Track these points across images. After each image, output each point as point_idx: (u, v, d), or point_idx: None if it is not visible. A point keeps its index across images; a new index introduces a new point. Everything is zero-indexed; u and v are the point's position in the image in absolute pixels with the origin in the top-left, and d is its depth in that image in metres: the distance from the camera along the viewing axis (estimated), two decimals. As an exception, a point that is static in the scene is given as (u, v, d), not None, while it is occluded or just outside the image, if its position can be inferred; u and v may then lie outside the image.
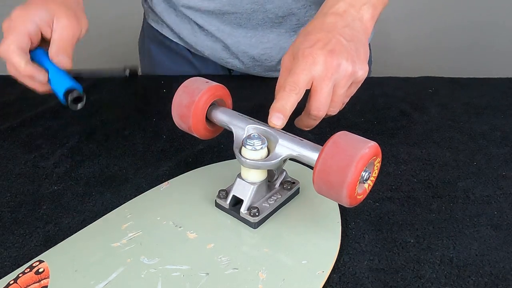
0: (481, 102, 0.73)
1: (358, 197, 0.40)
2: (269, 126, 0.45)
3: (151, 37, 0.83)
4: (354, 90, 0.50)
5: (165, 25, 0.78)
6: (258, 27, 0.71)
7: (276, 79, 0.49)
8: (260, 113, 0.69)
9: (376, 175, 0.42)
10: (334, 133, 0.41)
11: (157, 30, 0.80)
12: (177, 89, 0.48)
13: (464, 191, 0.54)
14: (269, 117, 0.45)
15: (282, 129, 0.45)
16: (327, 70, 0.45)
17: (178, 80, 0.50)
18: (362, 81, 0.49)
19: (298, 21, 0.72)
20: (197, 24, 0.74)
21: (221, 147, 0.60)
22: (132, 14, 1.19)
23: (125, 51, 1.31)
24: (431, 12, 1.72)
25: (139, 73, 0.90)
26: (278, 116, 0.44)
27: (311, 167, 0.41)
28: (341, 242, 0.46)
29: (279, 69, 0.76)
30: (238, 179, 0.48)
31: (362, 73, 0.48)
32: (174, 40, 0.79)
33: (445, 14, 1.73)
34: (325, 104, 0.46)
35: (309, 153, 0.43)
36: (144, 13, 0.85)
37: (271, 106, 0.45)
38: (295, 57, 0.47)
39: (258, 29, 0.72)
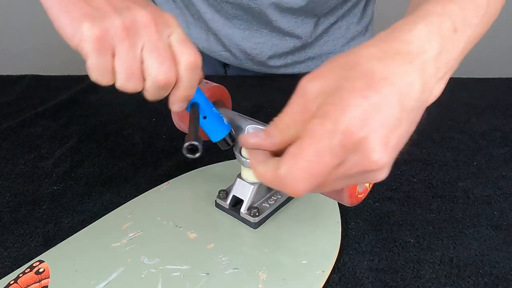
0: (481, 102, 0.73)
1: (359, 196, 0.40)
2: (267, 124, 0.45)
3: None
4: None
5: None
6: (253, 21, 0.71)
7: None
8: (259, 113, 0.69)
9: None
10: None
11: None
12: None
13: (464, 191, 0.54)
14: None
15: None
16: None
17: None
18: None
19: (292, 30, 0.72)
20: (192, 15, 0.75)
21: (221, 147, 0.60)
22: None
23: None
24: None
25: None
26: None
27: (311, 167, 0.41)
28: (341, 242, 0.46)
29: (269, 65, 0.77)
30: (238, 179, 0.48)
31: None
32: None
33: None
34: None
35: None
36: None
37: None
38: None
39: (253, 23, 0.72)
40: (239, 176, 0.48)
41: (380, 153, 0.29)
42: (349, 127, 0.28)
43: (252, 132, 0.34)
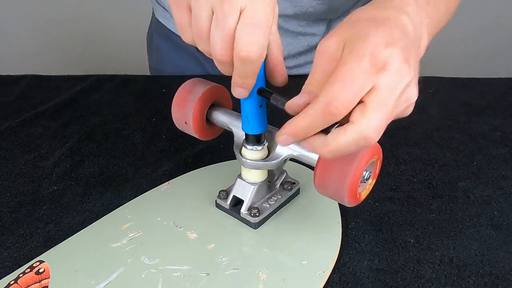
0: (481, 102, 0.73)
1: (359, 196, 0.41)
2: (269, 126, 0.45)
3: (159, 32, 0.83)
4: None
5: (173, 20, 0.79)
6: None
7: None
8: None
9: (377, 174, 0.42)
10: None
11: (165, 25, 0.81)
12: (177, 89, 0.48)
13: (464, 191, 0.54)
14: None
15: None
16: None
17: (179, 80, 0.50)
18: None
19: (307, 24, 0.72)
20: None
21: (221, 147, 0.60)
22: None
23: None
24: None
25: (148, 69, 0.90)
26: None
27: (312, 168, 0.41)
28: (341, 242, 0.46)
29: None
30: (238, 179, 0.48)
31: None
32: None
33: (445, 14, 1.73)
34: None
35: (310, 153, 0.43)
36: (152, 8, 0.86)
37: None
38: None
39: None
40: (239, 176, 0.48)
41: (408, 67, 0.33)
42: (375, 48, 0.32)
43: (292, 99, 0.36)
